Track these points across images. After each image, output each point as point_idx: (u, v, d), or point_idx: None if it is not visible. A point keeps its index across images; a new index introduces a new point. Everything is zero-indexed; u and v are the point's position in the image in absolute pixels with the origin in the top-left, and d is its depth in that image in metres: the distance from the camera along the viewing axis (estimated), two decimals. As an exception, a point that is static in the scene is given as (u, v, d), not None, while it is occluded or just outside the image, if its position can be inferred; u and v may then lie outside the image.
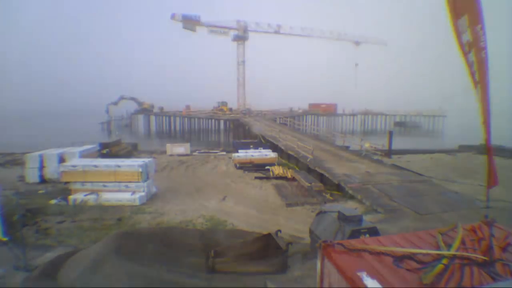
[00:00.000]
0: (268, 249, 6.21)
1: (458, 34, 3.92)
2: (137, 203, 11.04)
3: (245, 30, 48.43)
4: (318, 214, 6.88)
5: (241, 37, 48.71)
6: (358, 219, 5.86)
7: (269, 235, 6.51)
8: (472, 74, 3.84)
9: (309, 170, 14.88)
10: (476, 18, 3.73)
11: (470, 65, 3.87)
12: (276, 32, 49.49)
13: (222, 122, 45.86)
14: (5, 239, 7.75)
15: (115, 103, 54.00)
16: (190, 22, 45.57)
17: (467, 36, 3.83)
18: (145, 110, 52.99)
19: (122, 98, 54.77)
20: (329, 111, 54.75)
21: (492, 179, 3.96)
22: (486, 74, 3.69)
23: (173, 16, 44.74)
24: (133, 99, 54.90)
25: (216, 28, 47.22)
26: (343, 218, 5.86)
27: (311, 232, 6.70)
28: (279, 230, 6.75)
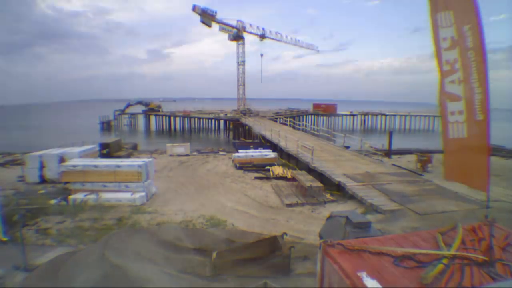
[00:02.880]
0: (271, 252, 6.19)
1: (435, 27, 3.90)
2: (137, 203, 11.05)
3: (243, 30, 48.43)
4: (328, 218, 6.84)
5: (238, 37, 48.70)
6: (366, 226, 5.78)
7: (274, 237, 6.50)
8: (453, 72, 3.82)
9: (309, 170, 14.88)
10: (464, 18, 3.67)
11: (449, 62, 3.84)
12: (262, 35, 49.56)
13: (222, 122, 45.91)
14: (5, 239, 7.75)
15: (123, 111, 54.51)
16: (207, 17, 45.63)
17: (451, 32, 3.79)
18: (152, 110, 53.24)
19: (129, 105, 55.43)
20: (329, 111, 54.81)
21: (482, 182, 3.91)
22: (485, 74, 3.68)
23: (194, 8, 44.68)
24: (140, 103, 55.48)
25: (226, 26, 47.44)
26: (351, 224, 5.80)
27: (320, 237, 6.65)
28: (285, 233, 6.75)
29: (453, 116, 3.89)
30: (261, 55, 49.20)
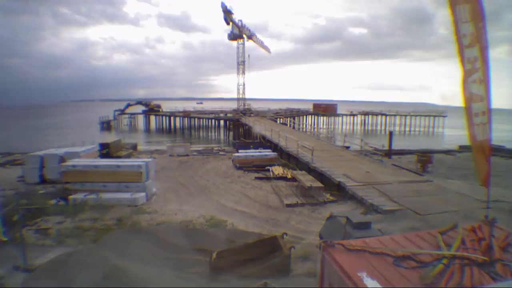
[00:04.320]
0: (271, 252, 6.18)
1: (456, 21, 3.67)
2: (137, 203, 11.04)
3: (242, 29, 48.52)
4: (328, 218, 6.82)
5: (239, 36, 48.80)
6: (366, 226, 5.75)
7: (274, 237, 6.49)
8: (474, 71, 3.69)
9: (309, 170, 14.88)
10: (478, 14, 3.58)
11: (470, 61, 3.69)
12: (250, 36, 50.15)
13: (222, 122, 45.93)
14: (5, 239, 7.75)
15: (123, 111, 54.54)
16: (228, 14, 46.68)
17: (469, 28, 3.65)
18: (152, 110, 53.22)
19: (129, 105, 55.48)
20: (329, 111, 54.83)
21: (485, 180, 3.92)
22: (488, 73, 3.63)
23: (222, 5, 46.38)
24: (139, 103, 55.56)
25: (235, 27, 48.03)
26: (351, 224, 5.77)
27: (320, 237, 6.64)
28: (285, 233, 6.74)
29: (477, 117, 3.77)
30: (248, 56, 49.88)
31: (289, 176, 14.78)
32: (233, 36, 49.10)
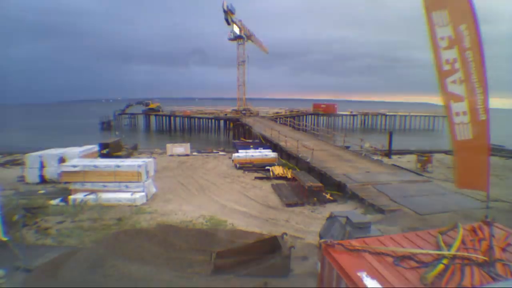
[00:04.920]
0: (271, 252, 6.18)
1: (432, 25, 3.81)
2: (137, 203, 11.04)
3: (242, 28, 48.45)
4: (328, 218, 6.82)
5: (239, 37, 48.75)
6: (366, 226, 5.74)
7: (274, 237, 6.49)
8: (454, 71, 3.76)
9: (309, 170, 14.89)
10: (460, 18, 3.63)
11: (449, 62, 3.78)
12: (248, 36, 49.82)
13: (222, 122, 45.93)
14: (5, 239, 7.75)
15: (123, 111, 54.50)
16: (229, 15, 46.17)
17: (447, 31, 3.72)
18: (152, 110, 53.10)
19: (129, 105, 55.41)
20: (329, 111, 54.80)
21: (483, 182, 3.92)
22: (484, 74, 3.64)
23: (223, 4, 45.13)
24: (139, 103, 55.45)
25: (236, 26, 47.67)
26: (351, 224, 5.77)
27: (320, 237, 6.64)
28: (285, 233, 6.74)
29: (458, 117, 3.83)
30: (247, 56, 49.28)
31: (289, 176, 14.79)
32: (233, 37, 48.98)
